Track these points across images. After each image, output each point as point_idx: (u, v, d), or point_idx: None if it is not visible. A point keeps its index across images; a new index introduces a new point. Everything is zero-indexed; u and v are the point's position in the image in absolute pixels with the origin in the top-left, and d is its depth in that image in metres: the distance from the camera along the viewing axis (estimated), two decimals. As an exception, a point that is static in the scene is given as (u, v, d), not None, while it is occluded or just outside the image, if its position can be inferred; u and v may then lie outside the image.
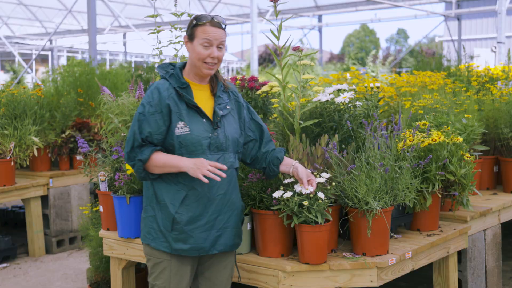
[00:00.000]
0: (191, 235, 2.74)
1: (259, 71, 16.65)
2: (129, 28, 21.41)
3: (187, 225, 2.74)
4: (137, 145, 2.72)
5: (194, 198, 2.74)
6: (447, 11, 18.72)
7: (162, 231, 2.76)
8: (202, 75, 2.80)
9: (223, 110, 2.82)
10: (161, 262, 2.79)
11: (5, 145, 5.48)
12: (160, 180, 2.77)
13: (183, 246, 2.75)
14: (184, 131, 2.71)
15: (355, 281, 3.05)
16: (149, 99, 2.73)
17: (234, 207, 2.85)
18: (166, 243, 2.76)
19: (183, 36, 3.82)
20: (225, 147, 2.79)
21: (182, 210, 2.73)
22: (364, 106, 3.68)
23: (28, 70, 12.52)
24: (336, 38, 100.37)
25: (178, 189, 2.74)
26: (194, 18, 2.78)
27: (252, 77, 3.89)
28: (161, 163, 2.70)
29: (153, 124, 2.70)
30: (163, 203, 2.75)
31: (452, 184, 3.58)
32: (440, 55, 7.04)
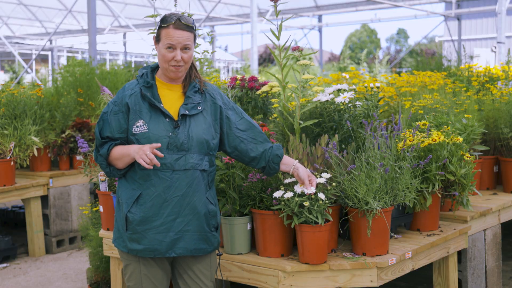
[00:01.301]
0: (145, 235, 2.71)
1: (259, 71, 16.64)
2: (129, 28, 21.41)
3: (140, 225, 2.71)
4: (99, 143, 2.78)
5: (148, 198, 2.70)
6: (447, 11, 18.72)
7: (120, 230, 2.79)
8: (169, 76, 2.79)
9: (190, 110, 2.75)
10: (130, 264, 2.80)
11: (5, 145, 5.48)
12: (122, 179, 2.81)
13: (137, 247, 2.73)
14: (142, 129, 2.71)
15: (355, 281, 3.05)
16: (115, 99, 2.80)
17: (196, 211, 2.75)
18: (123, 243, 2.77)
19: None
20: (186, 147, 2.71)
21: (135, 210, 2.72)
22: (364, 106, 3.68)
23: (28, 70, 12.51)
24: (336, 38, 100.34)
25: (133, 188, 2.74)
26: (160, 19, 2.76)
27: (252, 77, 3.89)
28: (118, 154, 2.73)
29: (115, 123, 2.75)
30: (121, 202, 2.79)
31: (452, 184, 3.58)
32: (440, 55, 7.04)
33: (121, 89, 2.82)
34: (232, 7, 20.12)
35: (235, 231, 3.17)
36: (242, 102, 3.83)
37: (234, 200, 3.18)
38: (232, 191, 3.18)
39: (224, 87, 3.87)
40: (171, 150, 2.70)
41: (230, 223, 3.16)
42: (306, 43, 22.88)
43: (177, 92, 2.82)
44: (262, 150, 2.93)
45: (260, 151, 2.92)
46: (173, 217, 2.72)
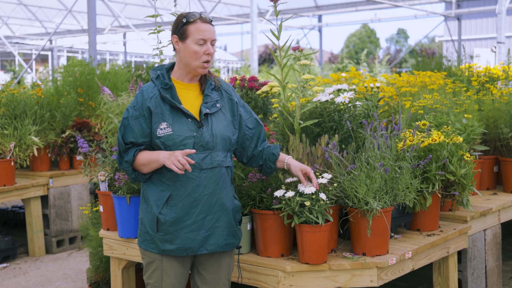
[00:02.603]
0: (177, 235, 2.73)
1: (259, 71, 16.64)
2: (129, 28, 21.41)
3: (172, 226, 2.73)
4: (122, 149, 2.77)
5: (179, 198, 2.72)
6: (447, 11, 18.72)
7: (149, 232, 2.77)
8: (195, 74, 2.79)
9: (210, 109, 2.78)
10: (153, 262, 2.80)
11: (5, 145, 5.48)
12: (148, 182, 2.79)
13: (170, 247, 2.75)
14: (167, 131, 2.71)
15: (355, 281, 3.05)
16: (133, 103, 2.76)
17: (225, 207, 2.80)
18: (153, 244, 2.77)
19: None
20: (211, 146, 2.75)
21: (165, 211, 2.73)
22: (364, 106, 3.68)
23: (28, 70, 12.52)
24: (336, 38, 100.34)
25: (162, 190, 2.74)
26: (183, 16, 2.74)
27: (252, 77, 3.89)
28: (145, 160, 2.72)
29: (137, 128, 2.73)
30: (149, 204, 2.77)
31: (452, 184, 3.58)
32: (440, 55, 7.04)
33: (139, 93, 2.78)
34: (232, 7, 20.12)
35: (235, 231, 3.17)
36: (242, 102, 3.83)
37: (234, 200, 3.18)
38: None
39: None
40: (197, 149, 2.72)
41: (230, 223, 3.16)
42: (306, 43, 22.88)
43: (194, 91, 2.82)
44: (261, 149, 2.96)
45: (259, 150, 2.96)
46: (204, 215, 2.75)
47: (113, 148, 3.64)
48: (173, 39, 2.78)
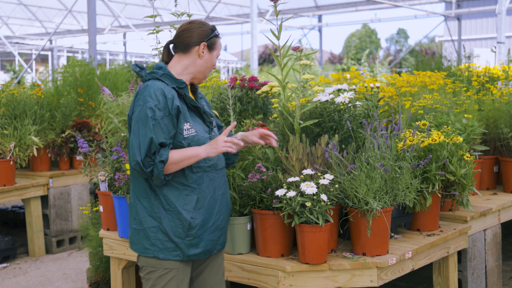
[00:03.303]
0: (202, 238, 2.70)
1: (259, 71, 16.64)
2: (129, 28, 21.41)
3: (200, 229, 2.69)
4: (154, 151, 2.56)
5: (204, 200, 2.69)
6: (447, 11, 18.72)
7: (173, 239, 2.65)
8: (199, 81, 2.81)
9: (210, 111, 2.84)
10: (169, 272, 2.68)
11: (5, 145, 5.48)
12: (166, 187, 2.66)
13: (196, 251, 2.69)
14: (191, 132, 2.66)
15: (355, 281, 3.05)
16: (154, 102, 2.58)
17: (229, 206, 2.84)
18: (177, 251, 2.67)
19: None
20: None
21: (196, 214, 2.67)
22: (364, 106, 3.68)
23: (28, 70, 12.52)
24: (336, 38, 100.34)
25: (187, 194, 2.66)
26: (210, 28, 2.75)
27: (252, 77, 3.89)
28: (177, 158, 2.59)
29: (165, 128, 2.59)
30: (174, 210, 2.64)
31: (452, 184, 3.58)
32: (440, 55, 7.03)
33: (157, 91, 2.60)
34: (232, 7, 20.11)
35: (235, 231, 3.17)
36: (242, 102, 3.83)
37: (234, 200, 3.18)
38: (232, 191, 3.18)
39: (224, 87, 3.87)
40: None
41: (230, 223, 3.16)
42: (306, 43, 22.88)
43: (191, 94, 2.83)
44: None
45: None
46: (219, 215, 2.76)
47: (113, 148, 3.64)
48: (202, 45, 2.71)
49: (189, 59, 2.74)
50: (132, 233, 2.74)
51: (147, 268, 2.70)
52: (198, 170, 2.67)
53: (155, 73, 2.69)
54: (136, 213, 2.71)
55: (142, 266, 2.73)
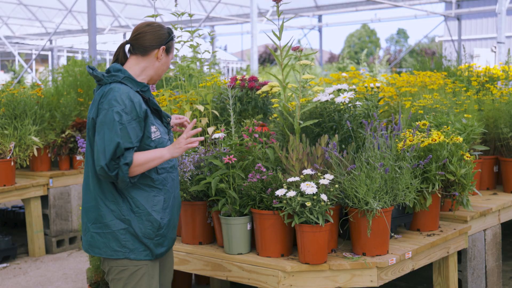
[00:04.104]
0: (167, 237, 2.80)
1: (259, 71, 16.64)
2: (129, 28, 21.40)
3: (166, 228, 2.78)
4: (119, 154, 2.57)
5: (169, 200, 2.78)
6: (447, 11, 18.72)
7: (142, 240, 2.69)
8: (153, 82, 2.85)
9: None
10: (139, 270, 2.71)
11: (5, 145, 5.48)
12: (133, 189, 2.67)
13: (161, 250, 2.78)
14: (157, 135, 2.71)
15: (355, 281, 3.05)
16: (121, 106, 2.58)
17: (180, 205, 2.94)
18: (146, 251, 2.71)
19: (183, 36, 3.83)
20: None
21: (164, 215, 2.74)
22: (364, 106, 3.68)
23: (28, 70, 12.52)
24: (336, 38, 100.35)
25: (155, 195, 2.71)
26: (168, 32, 2.79)
27: (252, 77, 3.89)
28: (142, 161, 2.61)
29: (132, 132, 2.60)
30: (143, 212, 2.67)
31: (452, 184, 3.58)
32: (440, 55, 7.03)
33: (123, 95, 2.61)
34: (232, 7, 20.12)
35: (235, 231, 3.17)
36: (242, 102, 3.83)
37: (234, 200, 3.18)
38: (232, 191, 3.18)
39: (224, 87, 3.87)
40: None
41: (230, 223, 3.16)
42: (306, 43, 22.88)
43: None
44: None
45: None
46: (177, 213, 2.88)
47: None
48: (161, 49, 2.74)
49: (148, 61, 2.76)
50: (95, 238, 2.70)
51: (117, 268, 2.70)
52: (163, 172, 2.74)
53: (116, 76, 2.67)
54: (100, 216, 2.68)
55: (110, 268, 2.72)
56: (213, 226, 3.41)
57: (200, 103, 3.82)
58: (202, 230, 3.41)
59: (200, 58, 3.93)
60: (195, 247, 3.39)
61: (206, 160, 3.30)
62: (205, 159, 3.32)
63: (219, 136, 3.26)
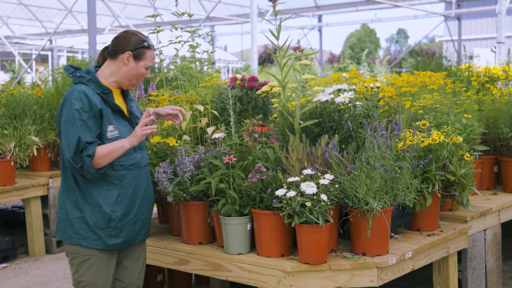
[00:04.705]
0: (123, 229, 2.98)
1: (259, 71, 16.64)
2: (129, 28, 21.39)
3: (120, 221, 2.97)
4: (82, 148, 2.82)
5: (125, 196, 2.96)
6: (447, 11, 18.72)
7: (94, 230, 2.92)
8: (126, 87, 3.05)
9: (137, 113, 3.11)
10: (89, 259, 2.95)
11: (5, 145, 5.48)
12: (89, 183, 2.92)
13: (116, 241, 2.97)
14: (115, 134, 2.92)
15: (355, 281, 3.05)
16: (80, 105, 2.84)
17: (151, 200, 3.14)
18: (98, 241, 2.93)
19: (183, 36, 3.84)
20: (143, 146, 3.10)
21: (115, 208, 2.94)
22: (364, 106, 3.67)
23: (28, 70, 12.52)
24: (336, 38, 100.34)
25: (108, 189, 2.94)
26: (143, 39, 2.97)
27: (252, 77, 3.89)
28: (105, 152, 2.85)
29: (92, 127, 2.86)
30: (95, 203, 2.92)
31: (452, 184, 3.58)
32: (440, 55, 7.03)
33: (81, 95, 2.85)
34: (232, 7, 20.12)
35: (235, 231, 3.17)
36: (242, 102, 3.83)
37: (234, 200, 3.18)
38: (232, 191, 3.18)
39: (224, 87, 3.87)
40: (136, 150, 3.02)
41: (230, 223, 3.16)
42: (306, 43, 22.88)
43: (120, 97, 3.08)
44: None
45: None
46: (140, 208, 3.05)
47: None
48: (126, 54, 2.95)
49: (116, 65, 2.99)
50: (59, 221, 3.02)
51: (71, 255, 2.99)
52: (120, 168, 2.95)
53: (83, 77, 2.94)
54: (63, 203, 2.99)
55: (67, 253, 3.01)
56: (213, 226, 3.41)
57: (200, 103, 3.82)
58: (202, 230, 3.41)
59: (200, 58, 3.93)
60: (195, 247, 3.39)
61: (206, 160, 3.30)
62: (205, 159, 3.32)
63: (219, 136, 3.26)
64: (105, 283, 2.99)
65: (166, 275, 4.41)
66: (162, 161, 3.52)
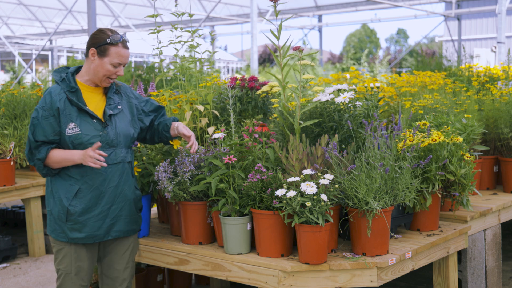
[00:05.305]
0: (86, 224, 3.05)
1: (259, 71, 16.63)
2: (129, 28, 21.40)
3: (81, 216, 3.03)
4: (34, 146, 2.99)
5: (87, 191, 3.03)
6: (447, 11, 18.72)
7: (58, 222, 3.06)
8: (101, 86, 3.10)
9: (113, 110, 3.11)
10: (62, 249, 3.09)
11: (5, 145, 5.48)
12: (56, 177, 3.06)
13: (79, 235, 3.05)
14: (75, 131, 3.00)
15: (355, 281, 3.05)
16: (42, 104, 3.01)
17: (127, 198, 3.14)
18: (62, 234, 3.06)
19: (183, 36, 3.83)
20: (116, 143, 3.09)
21: (75, 203, 3.02)
22: (364, 106, 3.67)
23: (28, 70, 12.52)
24: (336, 38, 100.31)
25: (71, 184, 3.03)
26: (107, 36, 3.02)
27: (252, 77, 3.89)
28: (59, 159, 2.99)
29: (48, 127, 2.98)
30: (58, 197, 3.04)
31: (452, 184, 3.58)
32: (440, 55, 7.04)
33: (47, 94, 3.02)
34: (232, 7, 20.12)
35: (235, 231, 3.17)
36: (242, 102, 3.83)
37: (234, 200, 3.18)
38: (232, 191, 3.18)
39: (224, 87, 3.87)
40: (103, 147, 3.05)
41: (230, 223, 3.16)
42: (307, 43, 22.89)
43: (99, 95, 3.13)
44: (157, 123, 3.32)
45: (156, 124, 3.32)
46: (109, 205, 3.08)
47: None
48: (91, 51, 3.03)
49: (87, 63, 3.09)
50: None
51: (51, 244, 3.15)
52: (82, 164, 2.99)
53: (60, 77, 3.06)
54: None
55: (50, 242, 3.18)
56: (213, 226, 3.41)
57: (200, 103, 3.82)
58: (202, 230, 3.41)
59: (200, 58, 3.93)
60: (195, 247, 3.39)
61: (206, 160, 3.30)
62: (205, 159, 3.32)
63: (219, 136, 3.25)
64: (78, 273, 3.09)
65: (166, 275, 4.41)
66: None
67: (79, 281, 3.11)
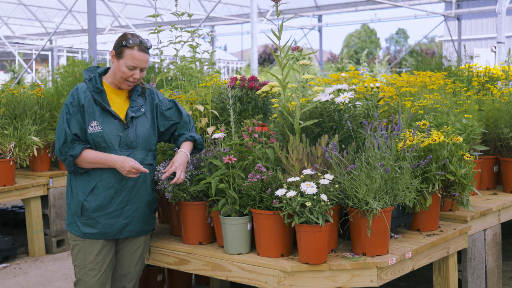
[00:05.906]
0: (99, 221, 3.14)
1: (259, 71, 16.64)
2: (129, 28, 21.39)
3: (95, 212, 3.12)
4: (70, 139, 3.08)
5: (103, 188, 3.12)
6: (447, 11, 18.72)
7: (73, 216, 3.16)
8: (122, 87, 3.18)
9: (135, 113, 3.19)
10: (77, 245, 3.18)
11: (5, 145, 5.48)
12: (78, 172, 3.14)
13: (91, 230, 3.14)
14: (96, 129, 3.10)
15: (355, 281, 3.05)
16: (70, 100, 3.13)
17: (142, 199, 3.22)
18: (76, 228, 3.16)
19: (183, 36, 3.84)
20: (135, 145, 3.17)
21: (90, 198, 3.12)
22: (364, 106, 3.68)
23: (28, 70, 12.52)
24: (336, 38, 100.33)
25: (88, 180, 3.13)
26: (124, 38, 3.09)
27: (252, 77, 3.89)
28: (92, 159, 3.08)
29: (77, 122, 3.09)
30: (75, 192, 3.15)
31: (452, 184, 3.58)
32: (440, 55, 7.03)
33: (74, 91, 3.14)
34: (232, 7, 20.12)
35: (235, 231, 3.17)
36: (242, 102, 3.83)
37: (234, 200, 3.18)
38: (232, 191, 3.18)
39: (224, 87, 3.87)
40: (123, 148, 3.13)
41: (230, 223, 3.16)
42: (306, 43, 22.88)
43: (123, 97, 3.22)
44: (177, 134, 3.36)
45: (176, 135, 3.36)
46: (124, 205, 3.17)
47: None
48: (111, 53, 3.13)
49: (112, 66, 3.18)
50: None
51: (69, 238, 3.24)
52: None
53: (88, 76, 3.16)
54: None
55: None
56: (213, 226, 3.41)
57: (200, 103, 3.82)
58: (202, 230, 3.41)
59: (200, 58, 3.93)
60: (195, 247, 3.39)
61: (206, 160, 3.30)
62: (205, 159, 3.32)
63: (219, 136, 3.26)
64: (92, 268, 3.13)
65: (166, 275, 4.41)
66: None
67: (95, 277, 3.15)
